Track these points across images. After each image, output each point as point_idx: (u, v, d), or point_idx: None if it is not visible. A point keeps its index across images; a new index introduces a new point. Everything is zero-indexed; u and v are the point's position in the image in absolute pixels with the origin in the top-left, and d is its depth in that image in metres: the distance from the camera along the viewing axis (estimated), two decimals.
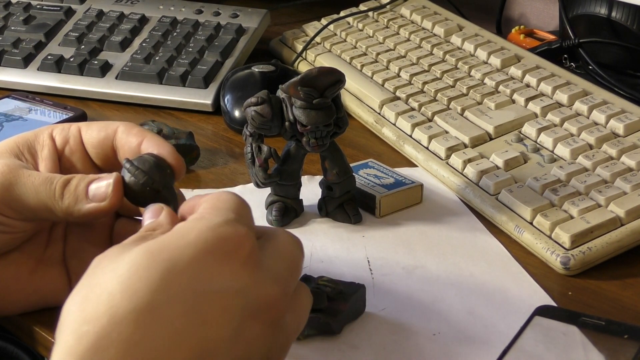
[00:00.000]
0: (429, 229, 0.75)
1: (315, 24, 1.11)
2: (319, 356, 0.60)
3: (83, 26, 1.08)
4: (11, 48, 1.05)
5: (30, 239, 0.60)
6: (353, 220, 0.76)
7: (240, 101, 0.91)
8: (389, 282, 0.68)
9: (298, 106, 0.70)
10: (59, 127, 0.61)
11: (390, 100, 0.93)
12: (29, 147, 0.60)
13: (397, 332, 0.62)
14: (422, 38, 1.04)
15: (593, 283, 0.69)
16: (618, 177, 0.76)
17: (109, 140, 0.59)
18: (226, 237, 0.47)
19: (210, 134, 0.93)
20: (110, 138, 0.59)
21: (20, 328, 0.63)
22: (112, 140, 0.59)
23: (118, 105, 1.00)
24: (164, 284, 0.44)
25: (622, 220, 0.72)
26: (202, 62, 1.01)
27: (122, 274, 0.45)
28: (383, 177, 0.79)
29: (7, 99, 0.96)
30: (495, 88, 0.92)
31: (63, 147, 0.60)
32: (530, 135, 0.84)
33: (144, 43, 1.04)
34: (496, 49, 0.98)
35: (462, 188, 0.79)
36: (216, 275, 0.45)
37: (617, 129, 0.83)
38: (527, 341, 0.59)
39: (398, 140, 0.88)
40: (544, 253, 0.71)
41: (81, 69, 1.01)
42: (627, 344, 0.58)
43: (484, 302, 0.65)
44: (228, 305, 0.45)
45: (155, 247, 0.46)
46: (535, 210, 0.73)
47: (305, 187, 0.77)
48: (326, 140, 0.72)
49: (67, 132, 0.60)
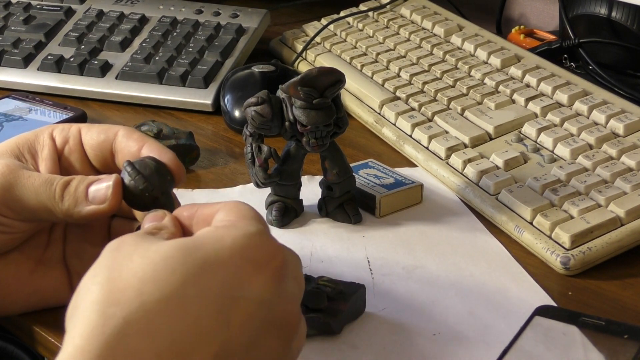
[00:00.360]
0: (429, 229, 0.75)
1: (315, 24, 1.11)
2: (319, 356, 0.60)
3: (83, 26, 1.08)
4: (11, 48, 1.05)
5: (30, 239, 0.60)
6: (353, 220, 0.76)
7: (240, 101, 0.91)
8: (389, 282, 0.68)
9: (298, 106, 0.70)
10: (59, 127, 0.61)
11: (390, 100, 0.93)
12: (29, 147, 0.60)
13: (397, 332, 0.62)
14: (422, 38, 1.04)
15: (593, 283, 0.69)
16: (618, 177, 0.76)
17: (109, 143, 0.59)
18: (262, 247, 0.47)
19: (210, 134, 0.93)
20: (109, 141, 0.59)
21: (20, 328, 0.63)
22: (112, 143, 0.59)
23: (118, 105, 1.00)
24: (197, 280, 0.45)
25: (622, 220, 0.72)
26: (202, 62, 1.01)
27: (154, 263, 0.45)
28: (383, 177, 0.79)
29: (7, 99, 0.96)
30: (495, 88, 0.92)
31: (63, 147, 0.60)
32: (530, 135, 0.84)
33: (144, 43, 1.04)
34: (496, 49, 0.98)
35: (462, 188, 0.79)
36: (247, 282, 0.46)
37: (617, 129, 0.83)
38: (527, 341, 0.58)
39: (398, 140, 0.88)
40: (544, 253, 0.71)
41: (81, 69, 1.01)
42: (627, 344, 0.58)
43: (484, 302, 0.65)
44: (253, 313, 0.46)
45: (191, 245, 0.46)
46: (535, 210, 0.73)
47: (305, 187, 0.77)
48: (326, 140, 0.72)
49: (67, 132, 0.60)
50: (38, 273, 0.60)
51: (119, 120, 0.96)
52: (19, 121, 0.91)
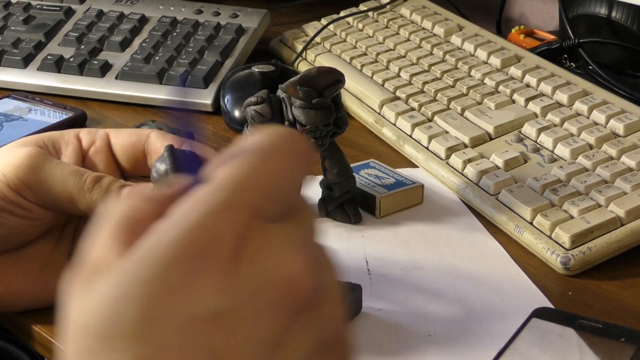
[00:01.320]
0: (429, 229, 0.75)
1: (315, 24, 1.11)
2: None
3: (83, 26, 1.08)
4: (11, 48, 1.05)
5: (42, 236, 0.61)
6: (353, 221, 0.75)
7: (240, 101, 0.91)
8: (387, 282, 0.68)
9: (297, 106, 0.70)
10: (86, 129, 0.62)
11: (390, 100, 0.92)
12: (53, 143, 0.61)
13: (393, 332, 0.62)
14: (422, 38, 1.03)
15: (593, 283, 0.69)
16: (618, 177, 0.76)
17: (141, 144, 0.61)
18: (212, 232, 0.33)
19: (210, 134, 0.93)
20: (142, 142, 0.61)
21: (20, 328, 0.63)
22: (144, 144, 0.60)
23: (118, 105, 0.99)
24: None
25: (622, 220, 0.72)
26: (202, 62, 1.01)
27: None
28: (384, 178, 0.79)
29: (7, 99, 0.96)
30: (495, 88, 0.92)
31: (88, 148, 0.61)
32: (530, 135, 0.84)
33: (143, 43, 1.04)
34: (496, 49, 0.98)
35: (462, 188, 0.79)
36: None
37: (617, 129, 0.83)
38: (523, 343, 0.58)
39: (398, 140, 0.88)
40: (544, 253, 0.70)
41: (81, 69, 1.01)
42: (623, 347, 0.58)
43: (481, 304, 0.65)
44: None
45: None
46: (535, 210, 0.73)
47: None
48: (325, 140, 0.72)
49: (94, 134, 0.62)
50: (48, 269, 0.61)
51: (119, 120, 0.96)
52: (18, 121, 0.91)
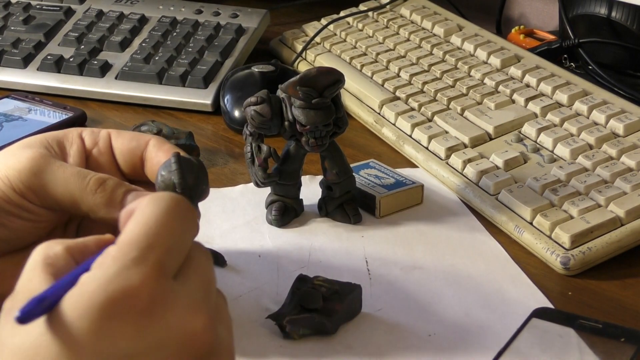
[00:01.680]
0: (429, 229, 0.75)
1: (315, 24, 1.11)
2: (313, 356, 0.59)
3: (83, 26, 1.08)
4: (11, 48, 1.05)
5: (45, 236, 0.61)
6: (353, 221, 0.75)
7: (240, 101, 0.91)
8: (386, 282, 0.68)
9: (297, 106, 0.70)
10: (88, 129, 0.62)
11: (390, 100, 0.92)
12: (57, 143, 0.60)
13: (393, 332, 0.62)
14: (422, 38, 1.03)
15: (593, 283, 0.69)
16: (618, 177, 0.76)
17: (140, 150, 0.60)
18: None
19: (210, 134, 0.93)
20: (141, 148, 0.60)
21: None
22: (143, 151, 0.60)
23: (118, 105, 0.99)
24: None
25: (622, 220, 0.72)
26: (202, 62, 1.01)
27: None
28: (384, 178, 0.79)
29: (6, 99, 0.96)
30: (495, 88, 0.92)
31: (91, 148, 0.61)
32: (530, 135, 0.84)
33: (143, 43, 1.04)
34: (496, 49, 0.98)
35: (462, 188, 0.79)
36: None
37: (617, 129, 0.83)
38: (523, 343, 0.58)
39: (398, 140, 0.88)
40: (544, 253, 0.70)
41: (81, 69, 1.01)
42: (623, 347, 0.57)
43: (480, 304, 0.65)
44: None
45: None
46: (535, 210, 0.73)
47: (305, 187, 0.77)
48: (325, 140, 0.72)
49: (96, 135, 0.61)
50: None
51: (118, 120, 0.96)
52: (18, 121, 0.91)
